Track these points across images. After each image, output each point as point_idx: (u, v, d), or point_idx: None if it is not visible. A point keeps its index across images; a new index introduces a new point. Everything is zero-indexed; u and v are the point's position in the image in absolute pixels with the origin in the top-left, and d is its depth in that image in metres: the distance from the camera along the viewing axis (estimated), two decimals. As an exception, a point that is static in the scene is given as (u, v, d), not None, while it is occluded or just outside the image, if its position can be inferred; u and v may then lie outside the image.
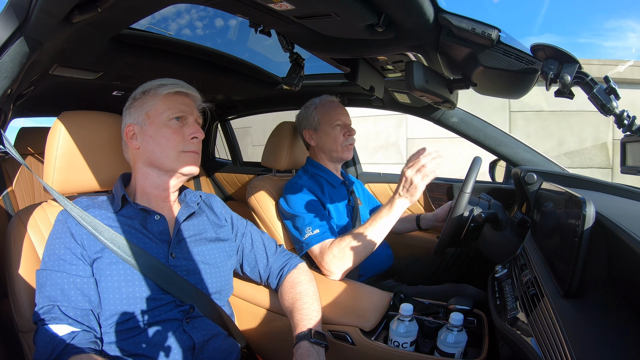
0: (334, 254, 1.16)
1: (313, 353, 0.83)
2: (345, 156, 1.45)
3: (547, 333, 0.58)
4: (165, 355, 0.79)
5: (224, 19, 1.71)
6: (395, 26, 0.87)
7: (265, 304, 1.10)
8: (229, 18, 1.67)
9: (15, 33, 0.72)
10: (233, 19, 1.67)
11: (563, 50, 0.74)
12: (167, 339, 0.80)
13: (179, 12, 1.68)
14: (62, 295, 0.74)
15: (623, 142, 0.72)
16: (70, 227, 0.80)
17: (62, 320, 0.72)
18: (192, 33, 1.75)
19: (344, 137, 1.43)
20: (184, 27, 1.75)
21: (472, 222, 1.11)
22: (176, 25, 1.71)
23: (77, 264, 0.77)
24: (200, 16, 1.77)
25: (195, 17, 1.77)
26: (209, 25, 1.78)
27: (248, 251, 1.05)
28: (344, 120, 1.44)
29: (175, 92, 0.90)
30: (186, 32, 1.73)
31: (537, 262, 0.81)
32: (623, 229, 0.58)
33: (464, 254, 1.53)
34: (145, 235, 0.86)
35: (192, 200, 0.99)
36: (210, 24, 1.79)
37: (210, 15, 1.75)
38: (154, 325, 0.80)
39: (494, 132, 1.53)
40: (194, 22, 1.77)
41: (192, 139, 0.90)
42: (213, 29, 1.78)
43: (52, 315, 0.72)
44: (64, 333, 0.71)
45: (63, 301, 0.74)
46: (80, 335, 0.72)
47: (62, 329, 0.71)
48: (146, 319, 0.80)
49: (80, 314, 0.74)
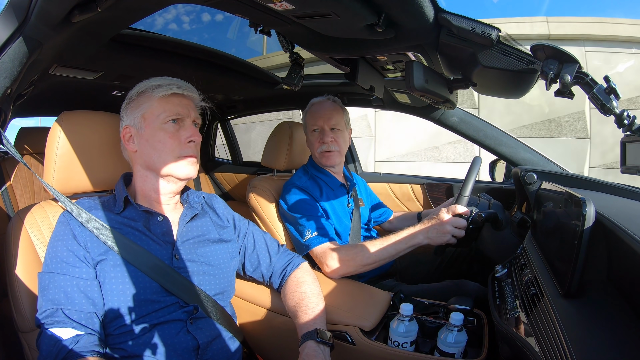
0: (341, 257, 1.17)
1: (319, 353, 0.83)
2: (322, 162, 1.42)
3: (547, 333, 0.58)
4: (169, 356, 0.79)
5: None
6: (395, 26, 0.87)
7: (266, 303, 1.10)
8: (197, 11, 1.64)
9: (15, 33, 0.72)
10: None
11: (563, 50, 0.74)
12: (171, 340, 0.80)
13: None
14: (66, 299, 0.73)
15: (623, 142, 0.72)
16: (72, 229, 0.80)
17: (65, 324, 0.71)
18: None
19: (318, 143, 1.40)
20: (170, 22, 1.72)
21: (472, 222, 1.11)
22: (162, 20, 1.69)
23: (80, 267, 0.77)
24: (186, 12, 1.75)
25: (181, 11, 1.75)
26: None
27: (250, 251, 1.05)
28: (321, 125, 1.40)
29: (171, 94, 0.87)
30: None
31: (537, 262, 0.81)
32: (623, 229, 0.57)
33: (464, 254, 1.53)
34: (148, 236, 0.86)
35: (195, 202, 0.98)
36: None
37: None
38: (158, 327, 0.80)
39: (493, 132, 1.53)
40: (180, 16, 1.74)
41: (189, 143, 0.87)
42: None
43: (56, 319, 0.72)
44: (68, 337, 0.70)
45: (67, 304, 0.73)
46: (85, 338, 0.72)
47: (66, 332, 0.71)
48: (150, 320, 0.79)
49: (84, 316, 0.74)
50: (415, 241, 1.14)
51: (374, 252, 1.16)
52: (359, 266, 1.17)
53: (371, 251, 1.16)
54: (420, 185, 1.92)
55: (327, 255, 1.19)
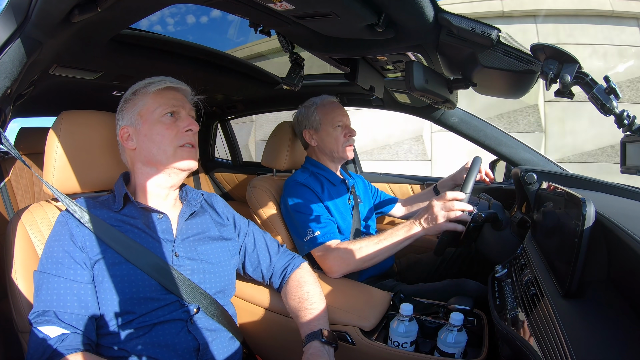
0: (340, 255, 1.17)
1: (324, 353, 0.83)
2: (346, 156, 1.47)
3: (547, 333, 0.58)
4: (169, 356, 0.78)
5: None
6: (395, 26, 0.87)
7: (266, 303, 1.10)
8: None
9: (15, 33, 0.72)
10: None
11: (563, 50, 0.74)
12: (171, 340, 0.79)
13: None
14: (58, 300, 0.73)
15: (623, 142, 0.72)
16: (70, 229, 0.80)
17: (54, 323, 0.71)
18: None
19: (345, 137, 1.44)
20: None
21: (472, 222, 1.11)
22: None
23: (75, 269, 0.77)
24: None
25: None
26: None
27: (250, 251, 1.05)
28: (345, 122, 1.46)
29: (164, 87, 0.89)
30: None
31: (537, 262, 0.81)
32: (623, 229, 0.57)
33: (464, 254, 1.53)
34: (148, 234, 0.85)
35: (193, 199, 0.98)
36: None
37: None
38: (158, 326, 0.80)
39: (493, 132, 1.53)
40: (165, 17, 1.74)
41: (187, 132, 0.89)
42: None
43: (45, 318, 0.72)
44: (54, 335, 0.70)
45: (58, 307, 0.73)
46: (71, 337, 0.72)
47: (53, 330, 0.71)
48: (150, 320, 0.79)
49: (74, 318, 0.74)
50: (412, 233, 1.16)
51: (373, 248, 1.17)
52: (360, 262, 1.17)
53: (370, 247, 1.17)
54: (420, 185, 1.92)
55: (327, 254, 1.19)
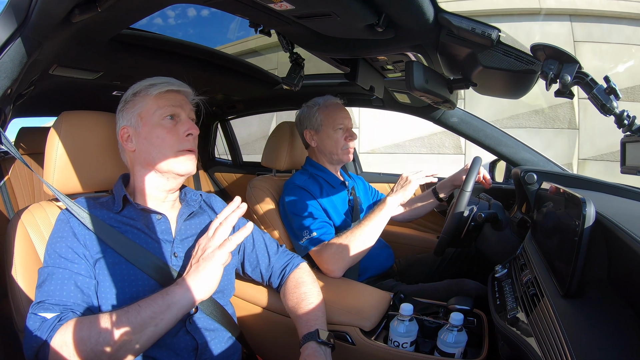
0: (332, 251, 1.18)
1: (321, 353, 0.83)
2: (344, 159, 1.46)
3: (547, 333, 0.58)
4: (168, 356, 0.78)
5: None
6: (395, 26, 0.87)
7: (265, 303, 1.10)
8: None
9: (15, 33, 0.72)
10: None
11: (563, 50, 0.74)
12: (170, 340, 0.79)
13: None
14: (60, 290, 0.73)
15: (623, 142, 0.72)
16: (72, 227, 0.80)
17: (53, 310, 0.71)
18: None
19: (345, 140, 1.44)
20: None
21: (472, 221, 1.11)
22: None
23: (79, 263, 0.77)
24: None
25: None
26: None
27: (249, 251, 1.05)
28: (347, 124, 1.45)
29: (166, 90, 0.88)
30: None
31: (537, 262, 0.81)
32: (623, 229, 0.58)
33: (464, 254, 1.53)
34: (147, 235, 0.86)
35: (192, 200, 0.98)
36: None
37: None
38: None
39: (493, 132, 1.53)
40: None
41: (187, 136, 0.88)
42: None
43: (44, 305, 0.71)
44: (51, 316, 0.70)
45: (61, 296, 0.73)
46: (69, 315, 0.71)
47: (51, 314, 0.71)
48: None
49: (73, 304, 0.73)
50: (387, 205, 1.24)
51: (359, 233, 1.20)
52: (353, 252, 1.18)
53: (356, 234, 1.20)
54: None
55: (324, 254, 1.19)
